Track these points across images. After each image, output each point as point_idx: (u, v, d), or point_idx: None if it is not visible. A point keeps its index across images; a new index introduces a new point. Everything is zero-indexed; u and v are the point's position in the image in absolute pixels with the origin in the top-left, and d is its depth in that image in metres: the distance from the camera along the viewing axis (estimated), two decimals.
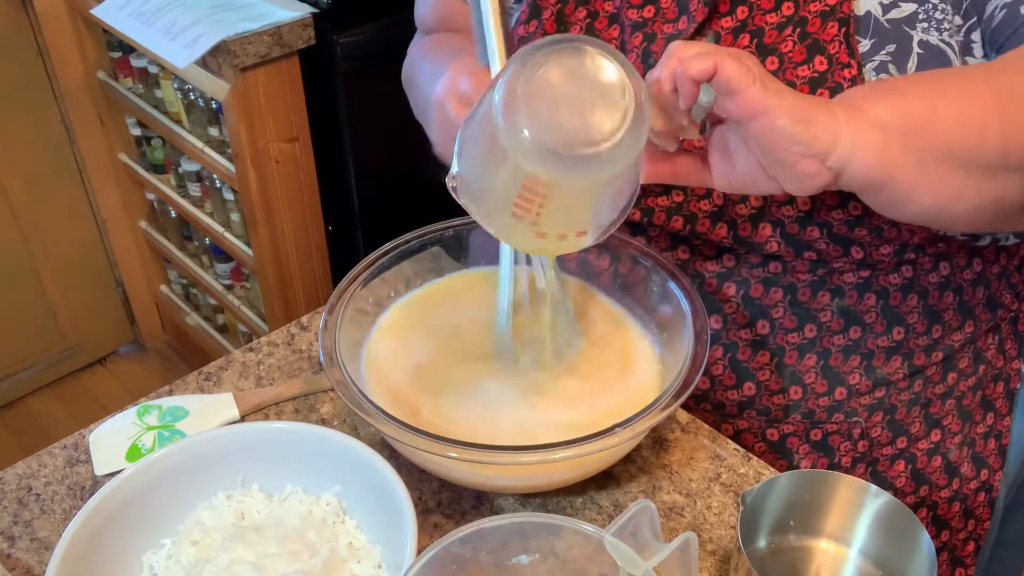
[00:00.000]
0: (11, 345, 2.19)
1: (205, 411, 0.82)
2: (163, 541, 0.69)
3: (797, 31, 0.71)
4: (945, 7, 0.67)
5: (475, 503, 0.75)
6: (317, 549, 0.66)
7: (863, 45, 0.69)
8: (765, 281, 0.80)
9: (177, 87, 1.78)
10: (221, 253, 1.99)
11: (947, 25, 0.68)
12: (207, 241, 2.01)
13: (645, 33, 0.76)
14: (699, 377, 0.67)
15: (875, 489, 0.67)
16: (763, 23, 0.72)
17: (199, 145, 1.78)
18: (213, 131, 1.77)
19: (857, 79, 0.69)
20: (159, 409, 0.82)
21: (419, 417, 0.73)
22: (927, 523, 0.90)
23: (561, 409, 0.74)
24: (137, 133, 2.03)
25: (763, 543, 0.70)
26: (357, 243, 1.77)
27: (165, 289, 2.34)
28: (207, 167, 1.81)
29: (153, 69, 1.83)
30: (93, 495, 0.65)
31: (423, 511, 0.74)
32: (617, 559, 0.53)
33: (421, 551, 0.56)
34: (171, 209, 2.08)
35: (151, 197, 2.17)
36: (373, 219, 1.73)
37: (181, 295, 2.31)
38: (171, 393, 0.85)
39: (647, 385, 0.76)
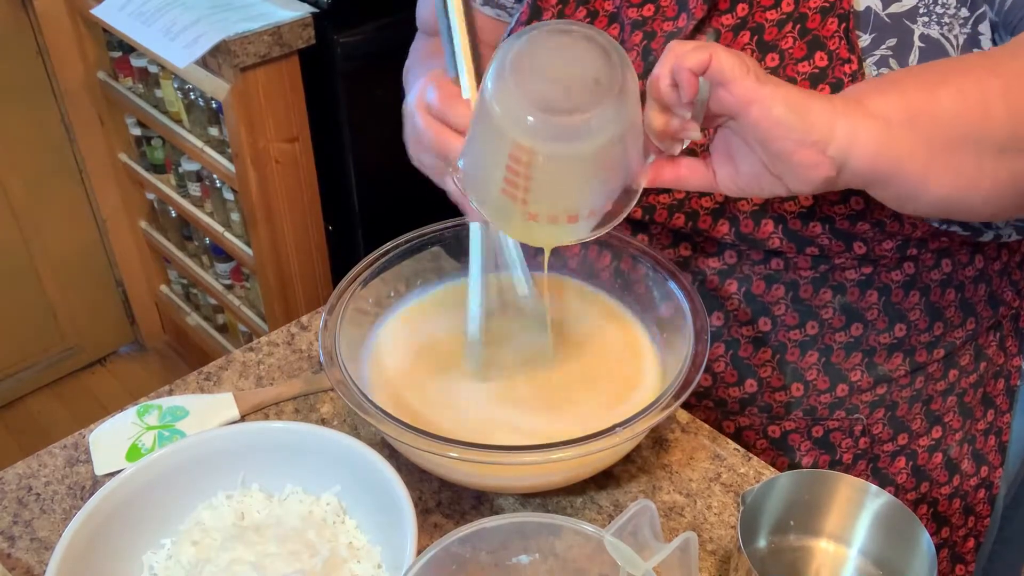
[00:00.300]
0: (11, 345, 2.19)
1: (205, 411, 0.82)
2: (163, 541, 0.69)
3: (797, 27, 0.70)
4: (947, 0, 0.67)
5: (475, 503, 0.75)
6: (317, 549, 0.66)
7: (863, 40, 0.69)
8: (767, 278, 0.80)
9: (177, 87, 1.78)
10: (221, 253, 1.99)
11: (948, 19, 0.67)
12: (207, 241, 2.01)
13: (645, 31, 0.76)
14: (699, 377, 0.67)
15: (875, 489, 0.67)
16: (763, 20, 0.72)
17: (199, 145, 1.78)
18: (213, 131, 1.77)
19: (857, 74, 0.69)
20: (159, 409, 0.82)
21: (419, 417, 0.73)
22: (927, 520, 0.90)
23: (561, 410, 0.74)
24: (137, 133, 2.03)
25: (763, 543, 0.70)
26: (357, 243, 1.76)
27: (165, 289, 2.34)
28: (207, 167, 1.81)
29: (153, 69, 1.83)
30: (93, 495, 0.65)
31: (423, 511, 0.74)
32: (617, 559, 0.53)
33: (421, 551, 0.56)
34: (171, 209, 2.08)
35: (151, 197, 2.17)
36: (373, 219, 1.73)
37: (181, 295, 2.31)
38: (171, 393, 0.85)
39: (647, 385, 0.76)
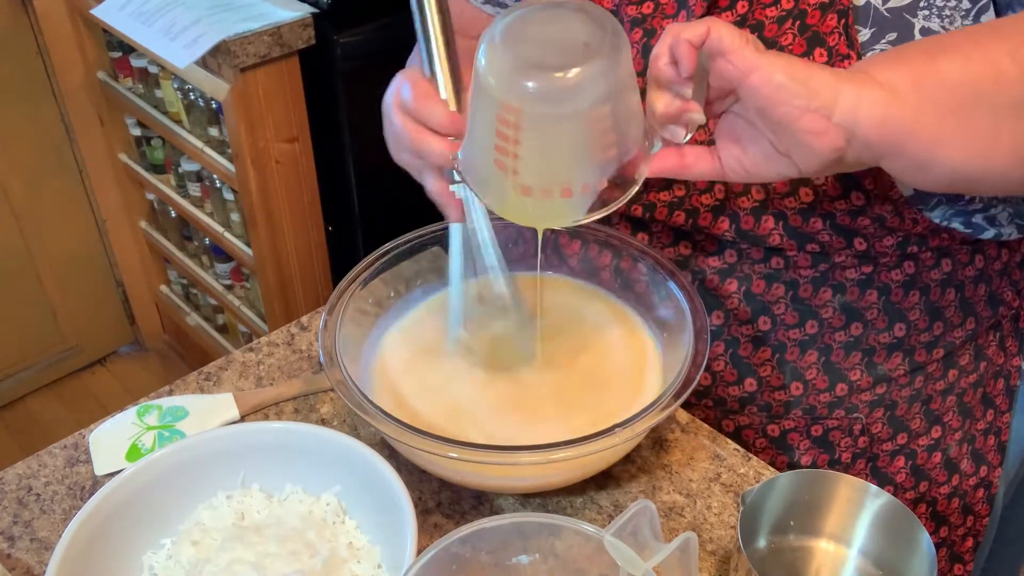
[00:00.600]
0: (11, 345, 2.19)
1: (205, 411, 0.82)
2: (163, 541, 0.69)
3: (797, 24, 0.70)
4: None
5: (475, 503, 0.75)
6: (317, 549, 0.66)
7: (863, 35, 0.69)
8: (767, 277, 0.80)
9: (177, 87, 1.78)
10: (221, 253, 1.99)
11: (948, 11, 0.67)
12: (207, 241, 2.01)
13: (644, 29, 0.76)
14: (699, 376, 0.67)
15: (875, 489, 0.67)
16: (763, 17, 0.72)
17: (199, 145, 1.78)
18: (213, 131, 1.77)
19: None
20: (159, 409, 0.82)
21: (419, 418, 0.73)
22: (926, 519, 0.89)
23: (560, 410, 0.74)
24: (137, 133, 2.03)
25: (763, 543, 0.70)
26: (357, 243, 1.76)
27: (165, 289, 2.34)
28: (207, 167, 1.81)
29: (153, 69, 1.83)
30: (93, 495, 0.65)
31: (423, 511, 0.74)
32: (617, 559, 0.53)
33: (421, 551, 0.56)
34: (171, 209, 2.08)
35: (151, 197, 2.17)
36: (373, 219, 1.73)
37: (181, 295, 2.31)
38: (171, 393, 0.85)
39: (647, 384, 0.76)
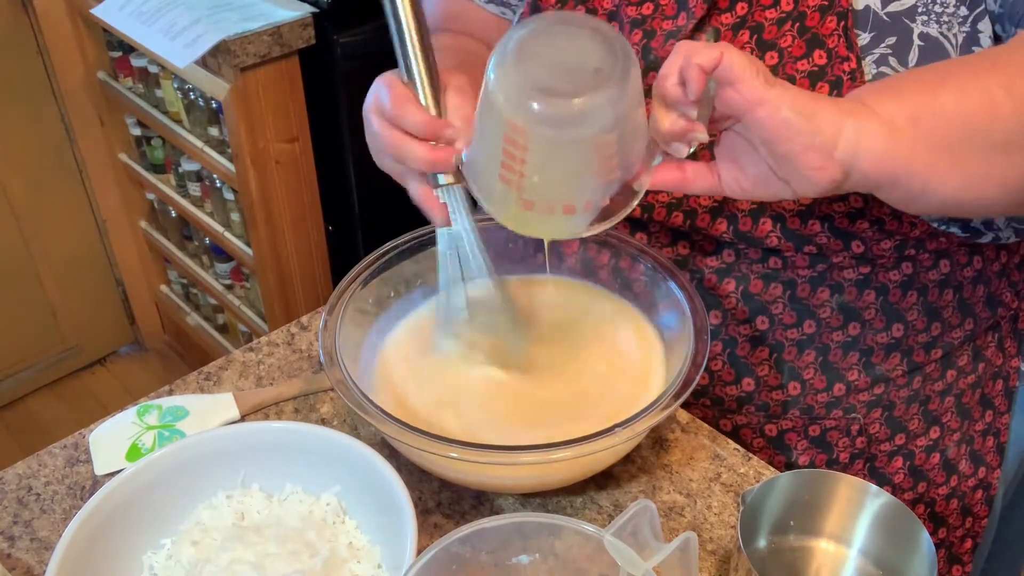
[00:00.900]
0: (11, 345, 2.19)
1: (205, 411, 0.82)
2: (163, 541, 0.69)
3: (796, 26, 0.71)
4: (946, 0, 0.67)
5: (475, 503, 0.75)
6: (317, 549, 0.66)
7: (862, 38, 0.69)
8: (765, 277, 0.80)
9: (177, 87, 1.78)
10: (221, 253, 1.99)
11: (947, 18, 0.68)
12: (207, 241, 2.01)
13: (644, 30, 0.76)
14: (699, 376, 0.67)
15: (875, 489, 0.67)
16: (762, 19, 0.72)
17: (199, 145, 1.78)
18: (213, 131, 1.77)
19: (856, 72, 0.69)
20: (159, 409, 0.82)
21: (419, 418, 0.73)
22: (924, 520, 0.89)
23: (560, 410, 0.74)
24: (137, 133, 2.03)
25: (763, 543, 0.70)
26: (357, 243, 1.76)
27: (165, 289, 2.34)
28: (207, 167, 1.81)
29: (153, 69, 1.83)
30: (93, 495, 0.65)
31: (423, 511, 0.74)
32: (617, 559, 0.53)
33: (421, 551, 0.56)
34: (171, 209, 2.08)
35: (151, 197, 2.17)
36: (373, 219, 1.73)
37: (181, 295, 2.31)
38: (171, 393, 0.85)
39: (647, 384, 0.76)
